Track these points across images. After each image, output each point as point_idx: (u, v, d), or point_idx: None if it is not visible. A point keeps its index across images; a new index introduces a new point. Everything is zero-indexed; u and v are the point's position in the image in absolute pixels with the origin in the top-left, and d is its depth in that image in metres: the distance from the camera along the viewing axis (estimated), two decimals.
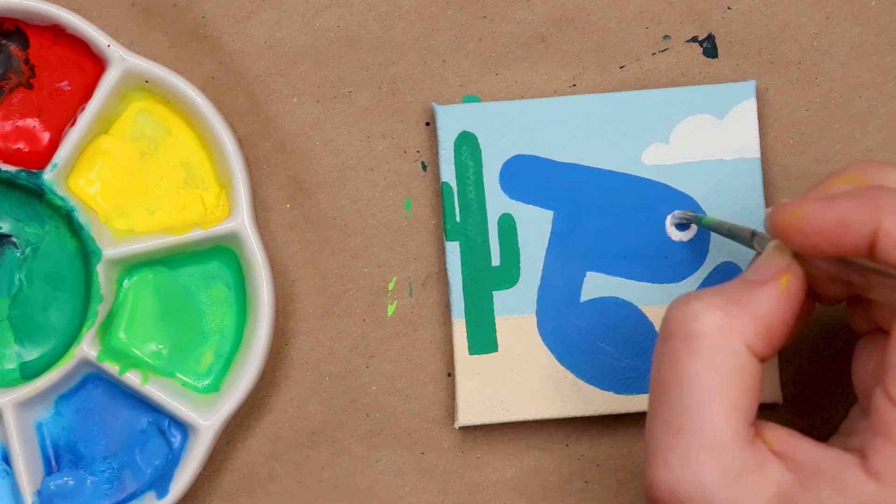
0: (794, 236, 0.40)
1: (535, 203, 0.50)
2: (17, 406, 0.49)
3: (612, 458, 0.51)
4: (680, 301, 0.41)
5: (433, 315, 0.51)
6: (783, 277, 0.41)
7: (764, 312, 0.40)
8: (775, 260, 0.41)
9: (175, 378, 0.50)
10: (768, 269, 0.41)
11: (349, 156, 0.51)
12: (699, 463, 0.39)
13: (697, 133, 0.49)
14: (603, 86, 0.51)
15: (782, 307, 0.41)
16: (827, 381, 0.50)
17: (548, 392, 0.49)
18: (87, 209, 0.50)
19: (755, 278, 0.41)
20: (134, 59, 0.49)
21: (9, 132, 0.50)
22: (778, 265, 0.41)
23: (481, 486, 0.51)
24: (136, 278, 0.51)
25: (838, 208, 0.39)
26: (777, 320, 0.40)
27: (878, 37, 0.50)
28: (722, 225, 0.46)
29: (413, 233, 0.51)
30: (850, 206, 0.39)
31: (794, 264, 0.41)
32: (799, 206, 0.40)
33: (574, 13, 0.50)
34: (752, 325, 0.40)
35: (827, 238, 0.39)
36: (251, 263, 0.49)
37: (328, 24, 0.51)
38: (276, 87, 0.51)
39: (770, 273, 0.41)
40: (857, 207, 0.39)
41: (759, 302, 0.40)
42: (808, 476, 0.39)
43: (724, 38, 0.50)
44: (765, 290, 0.41)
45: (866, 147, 0.50)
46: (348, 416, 0.51)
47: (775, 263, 0.41)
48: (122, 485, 0.50)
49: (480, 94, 0.51)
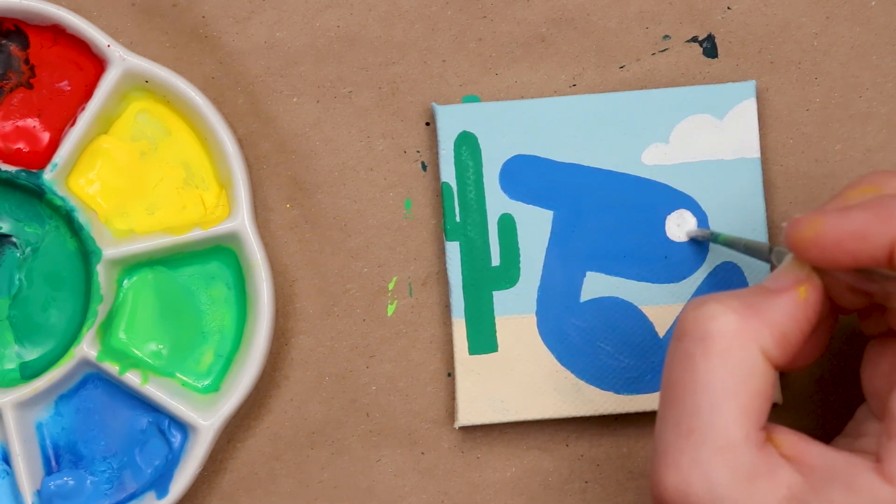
0: (812, 250, 0.40)
1: (535, 203, 0.50)
2: (17, 406, 0.49)
3: (612, 458, 0.51)
4: (696, 302, 0.41)
5: (433, 315, 0.51)
6: (801, 287, 0.41)
7: (780, 320, 0.40)
8: (794, 270, 0.41)
9: (175, 378, 0.50)
10: (786, 279, 0.41)
11: (349, 156, 0.51)
12: (709, 464, 0.39)
13: (697, 133, 0.49)
14: (603, 86, 0.51)
15: (799, 316, 0.41)
16: (827, 382, 0.50)
17: (548, 392, 0.49)
18: (87, 209, 0.50)
19: (773, 286, 0.41)
20: (134, 59, 0.49)
21: (9, 132, 0.50)
22: (796, 275, 0.41)
23: (481, 486, 0.51)
24: (136, 278, 0.51)
25: (855, 220, 0.39)
26: (793, 329, 0.40)
27: (878, 37, 0.50)
28: (739, 241, 0.46)
29: (413, 233, 0.51)
30: (866, 217, 0.39)
31: (813, 274, 0.41)
32: (814, 220, 0.40)
33: (574, 13, 0.50)
34: (767, 330, 0.40)
35: (844, 250, 0.39)
36: (251, 263, 0.49)
37: (328, 24, 0.51)
38: (276, 87, 0.51)
39: (788, 282, 0.41)
40: (874, 218, 0.39)
41: (775, 309, 0.40)
42: (819, 479, 0.39)
43: (724, 38, 0.50)
44: (782, 298, 0.41)
45: (866, 147, 0.50)
46: (348, 416, 0.51)
47: (794, 273, 0.41)
48: (122, 485, 0.50)
49: (480, 94, 0.51)
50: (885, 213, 0.39)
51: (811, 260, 0.40)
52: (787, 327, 0.40)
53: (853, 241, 0.39)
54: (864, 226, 0.39)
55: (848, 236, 0.39)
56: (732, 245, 0.47)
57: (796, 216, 0.41)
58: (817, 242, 0.40)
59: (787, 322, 0.40)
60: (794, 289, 0.41)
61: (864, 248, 0.39)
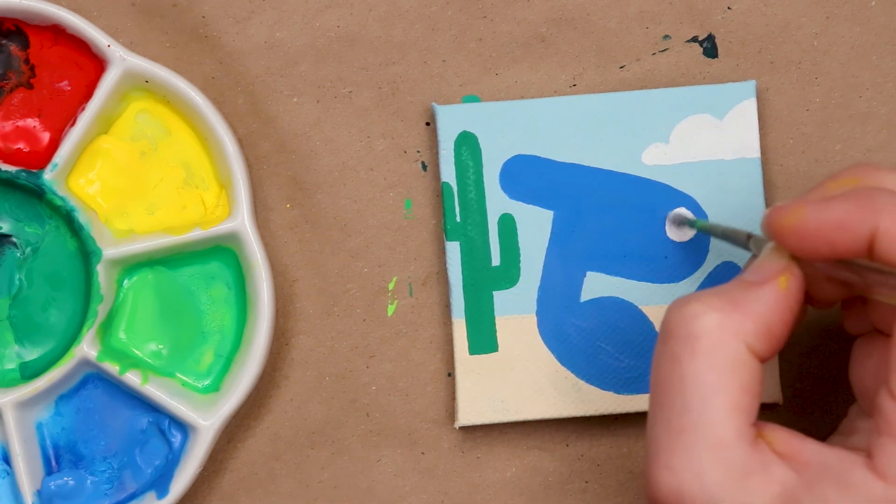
0: (792, 239, 0.40)
1: (535, 203, 0.50)
2: (17, 406, 0.49)
3: (612, 458, 0.51)
4: (679, 303, 0.41)
5: (433, 315, 0.51)
6: (781, 278, 0.41)
7: (763, 312, 0.40)
8: (773, 260, 0.41)
9: (175, 378, 0.50)
10: (767, 270, 0.41)
11: (349, 156, 0.51)
12: (702, 463, 0.39)
13: (697, 133, 0.49)
14: (603, 86, 0.51)
15: (781, 307, 0.41)
16: (827, 381, 0.50)
17: (548, 392, 0.49)
18: (87, 209, 0.50)
19: (753, 279, 0.41)
20: (134, 59, 0.49)
21: (9, 132, 0.50)
22: (776, 266, 0.41)
23: (481, 486, 0.51)
24: (136, 278, 0.51)
25: (835, 210, 0.39)
26: (776, 320, 0.40)
27: (878, 37, 0.50)
28: (716, 228, 0.46)
29: (413, 233, 0.51)
30: (847, 208, 0.39)
31: (793, 264, 0.41)
32: (795, 209, 0.40)
33: (574, 13, 0.50)
34: (751, 324, 0.40)
35: (824, 240, 0.39)
36: (251, 263, 0.49)
37: (328, 24, 0.51)
38: (276, 87, 0.51)
39: (768, 273, 0.41)
40: (854, 208, 0.39)
41: (757, 302, 0.40)
42: (812, 476, 0.39)
43: (724, 38, 0.50)
44: (763, 290, 0.41)
45: (866, 147, 0.50)
46: (348, 416, 0.51)
47: (773, 264, 0.41)
48: (122, 485, 0.50)
49: (480, 94, 0.51)
50: (866, 204, 0.39)
51: (791, 249, 0.40)
52: (770, 319, 0.40)
53: (833, 231, 0.39)
54: (844, 216, 0.39)
55: (828, 226, 0.39)
56: (710, 231, 0.47)
57: (777, 204, 0.41)
58: (797, 231, 0.40)
59: (770, 314, 0.40)
60: (774, 280, 0.41)
61: (844, 237, 0.39)
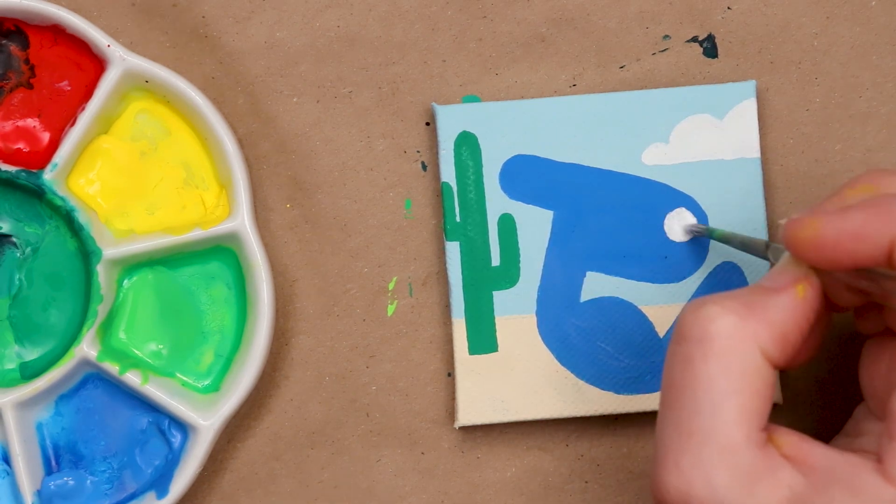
0: (810, 251, 0.40)
1: (535, 203, 0.50)
2: (17, 406, 0.49)
3: (612, 458, 0.51)
4: (694, 304, 0.41)
5: (433, 315, 0.51)
6: (799, 286, 0.41)
7: (779, 319, 0.40)
8: (791, 268, 0.41)
9: (175, 378, 0.50)
10: (784, 277, 0.41)
11: (349, 156, 0.51)
12: (711, 466, 0.39)
13: (697, 133, 0.49)
14: (603, 86, 0.51)
15: (798, 315, 0.40)
16: (827, 382, 0.50)
17: (548, 392, 0.49)
18: (87, 209, 0.50)
19: (771, 285, 0.41)
20: (134, 59, 0.49)
21: (9, 132, 0.50)
22: (794, 273, 0.41)
23: (481, 486, 0.51)
24: (136, 278, 0.51)
25: (853, 220, 0.39)
26: (792, 328, 0.40)
27: (878, 37, 0.50)
28: (734, 237, 0.46)
29: (413, 233, 0.51)
30: (864, 218, 0.39)
31: (811, 273, 0.41)
32: (812, 221, 0.40)
33: (574, 13, 0.50)
34: (766, 330, 0.40)
35: (843, 251, 0.39)
36: (251, 263, 0.49)
37: (328, 24, 0.51)
38: (276, 87, 0.51)
39: (786, 281, 0.41)
40: (872, 218, 0.39)
41: (774, 308, 0.40)
42: (821, 480, 0.39)
43: (724, 38, 0.50)
44: (780, 297, 0.40)
45: (866, 147, 0.50)
46: (348, 416, 0.51)
47: (791, 271, 0.41)
48: (122, 485, 0.50)
49: (480, 94, 0.51)
50: (884, 213, 0.39)
51: (810, 261, 0.40)
52: (786, 326, 0.40)
53: (852, 242, 0.39)
54: (862, 226, 0.39)
55: (846, 237, 0.39)
56: (728, 241, 0.47)
57: (794, 216, 0.40)
58: (816, 243, 0.40)
59: (786, 321, 0.40)
60: (792, 287, 0.41)
61: (862, 248, 0.39)
